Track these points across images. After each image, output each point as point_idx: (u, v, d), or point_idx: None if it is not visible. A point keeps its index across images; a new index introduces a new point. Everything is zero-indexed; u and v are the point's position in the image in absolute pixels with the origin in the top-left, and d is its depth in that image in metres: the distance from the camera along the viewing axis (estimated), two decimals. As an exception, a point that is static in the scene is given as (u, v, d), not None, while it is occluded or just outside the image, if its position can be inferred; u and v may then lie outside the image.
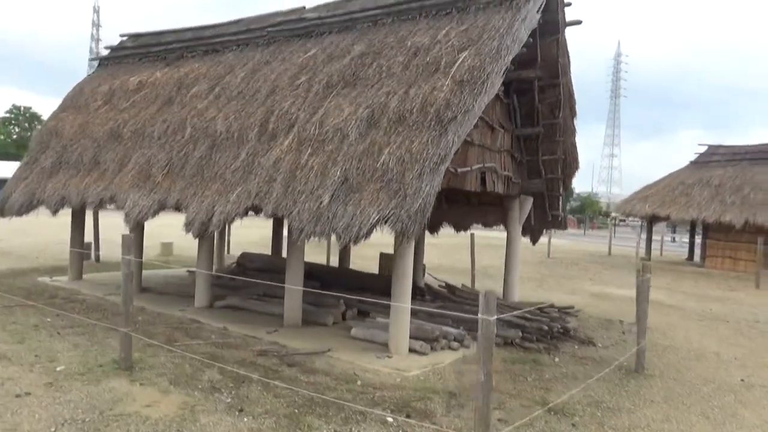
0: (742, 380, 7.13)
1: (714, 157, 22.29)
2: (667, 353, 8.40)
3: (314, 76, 8.03)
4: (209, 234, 7.75)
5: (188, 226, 7.58)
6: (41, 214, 10.95)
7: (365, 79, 7.47)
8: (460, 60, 6.67)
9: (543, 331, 8.03)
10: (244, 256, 12.98)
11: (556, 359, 7.51)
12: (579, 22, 8.57)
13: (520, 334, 7.91)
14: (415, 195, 5.91)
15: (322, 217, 6.31)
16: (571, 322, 9.00)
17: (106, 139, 9.79)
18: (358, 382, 5.98)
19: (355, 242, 6.04)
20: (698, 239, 24.45)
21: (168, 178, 8.37)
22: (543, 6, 7.62)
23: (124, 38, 13.07)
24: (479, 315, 3.69)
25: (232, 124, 8.10)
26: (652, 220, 23.22)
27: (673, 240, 40.95)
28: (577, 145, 9.70)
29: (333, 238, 6.39)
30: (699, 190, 20.91)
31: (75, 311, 8.63)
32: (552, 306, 9.27)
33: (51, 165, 10.27)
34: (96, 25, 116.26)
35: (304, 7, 10.37)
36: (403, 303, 7.07)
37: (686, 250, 32.47)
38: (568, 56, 8.84)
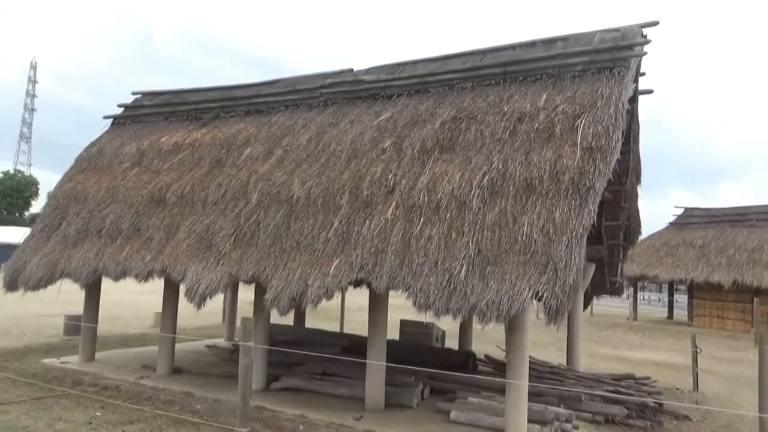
0: None
1: (692, 219, 23.26)
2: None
3: (401, 140, 7.64)
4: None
5: (273, 301, 6.82)
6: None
7: (466, 144, 7.15)
8: (582, 127, 6.47)
9: (646, 407, 7.62)
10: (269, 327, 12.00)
11: (673, 439, 7.10)
12: (651, 92, 8.68)
13: (625, 411, 7.46)
14: (566, 269, 5.52)
15: (456, 291, 5.77)
16: (662, 395, 8.64)
17: (146, 205, 8.93)
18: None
19: (503, 320, 5.52)
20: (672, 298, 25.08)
21: (237, 248, 7.60)
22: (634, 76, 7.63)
23: (138, 96, 12.33)
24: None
25: (313, 189, 7.52)
26: (638, 281, 23.71)
27: (643, 298, 41.49)
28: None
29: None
30: (684, 250, 21.61)
31: (120, 400, 7.52)
32: (632, 377, 8.91)
33: (76, 232, 9.22)
34: (32, 81, 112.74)
35: (352, 69, 10.10)
36: (521, 382, 6.53)
37: (654, 308, 33.42)
38: (639, 124, 8.89)
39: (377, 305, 7.70)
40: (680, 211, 24.31)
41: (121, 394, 7.93)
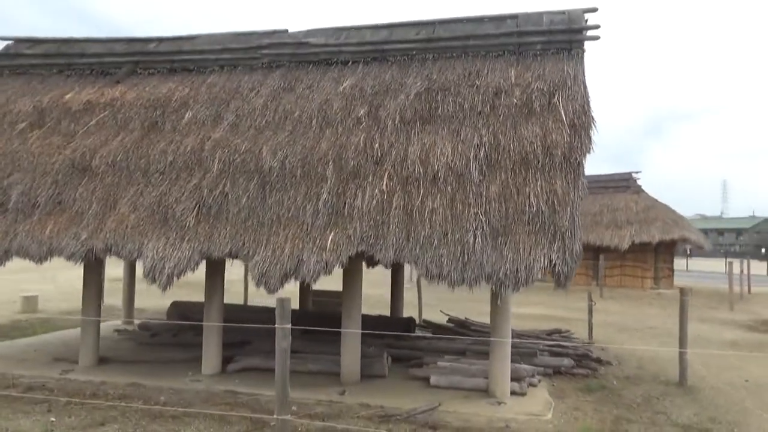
0: (746, 381, 8.52)
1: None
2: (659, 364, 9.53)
3: (375, 109, 7.47)
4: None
5: (261, 278, 6.40)
6: None
7: (446, 116, 7.22)
8: (561, 104, 6.91)
9: (585, 356, 8.57)
10: (179, 306, 11.13)
11: (615, 382, 8.09)
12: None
13: (572, 362, 8.32)
14: (572, 237, 5.97)
15: (470, 262, 5.94)
16: (594, 344, 9.72)
17: (66, 173, 7.68)
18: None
19: (520, 288, 5.84)
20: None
21: (202, 222, 6.93)
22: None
23: (10, 42, 10.38)
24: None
25: (288, 159, 7.07)
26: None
27: None
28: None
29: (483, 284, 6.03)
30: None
31: (65, 395, 6.53)
32: (559, 331, 9.89)
33: (-36, 207, 7.64)
34: None
35: (287, 30, 9.57)
36: (505, 342, 6.98)
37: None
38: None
39: (352, 277, 7.59)
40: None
41: (57, 393, 6.89)
